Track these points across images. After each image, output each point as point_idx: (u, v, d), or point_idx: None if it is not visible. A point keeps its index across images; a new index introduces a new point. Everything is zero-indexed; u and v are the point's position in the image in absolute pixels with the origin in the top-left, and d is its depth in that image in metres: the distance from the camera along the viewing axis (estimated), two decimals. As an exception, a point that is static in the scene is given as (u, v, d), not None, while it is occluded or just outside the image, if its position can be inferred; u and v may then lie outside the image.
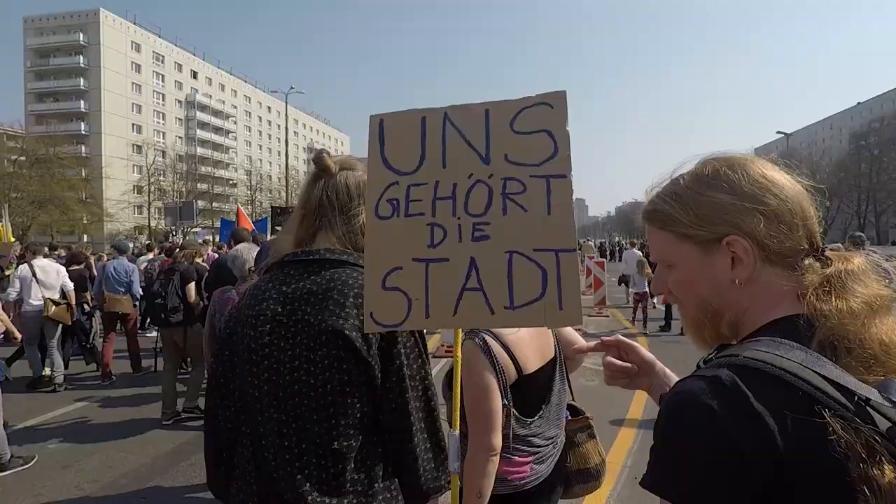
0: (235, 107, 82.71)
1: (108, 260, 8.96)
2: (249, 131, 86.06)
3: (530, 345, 1.71)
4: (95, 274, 8.66)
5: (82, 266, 8.11)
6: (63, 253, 11.11)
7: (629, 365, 1.10)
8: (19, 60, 66.27)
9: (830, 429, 0.60)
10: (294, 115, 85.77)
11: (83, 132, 61.61)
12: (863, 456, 0.59)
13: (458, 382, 1.31)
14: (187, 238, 26.67)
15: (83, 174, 52.79)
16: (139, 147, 60.68)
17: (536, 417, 1.71)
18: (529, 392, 1.70)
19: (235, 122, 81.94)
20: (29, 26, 65.20)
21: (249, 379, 1.21)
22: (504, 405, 1.60)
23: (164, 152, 61.92)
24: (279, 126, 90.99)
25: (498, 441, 1.54)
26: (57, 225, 44.75)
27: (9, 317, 6.00)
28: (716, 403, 0.63)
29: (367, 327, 1.11)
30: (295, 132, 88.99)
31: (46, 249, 8.53)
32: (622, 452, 4.56)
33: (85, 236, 47.10)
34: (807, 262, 0.76)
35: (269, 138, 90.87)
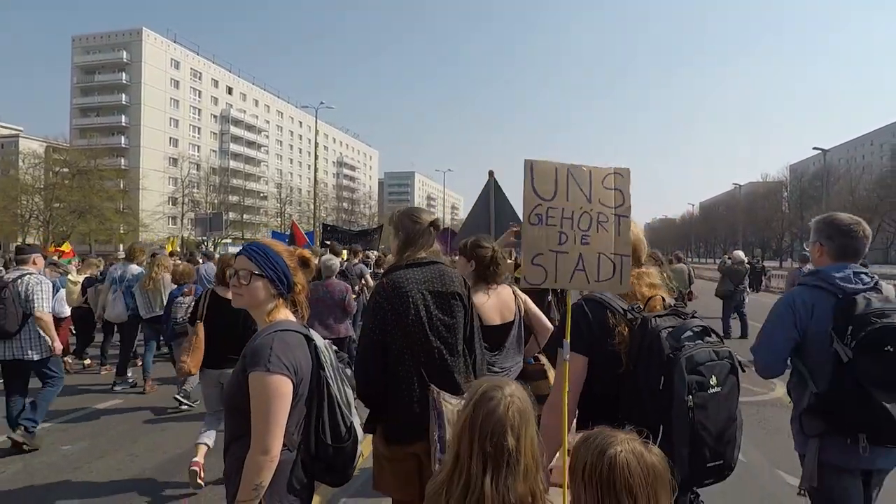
0: (268, 121, 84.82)
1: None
2: (280, 145, 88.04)
3: (492, 309, 2.96)
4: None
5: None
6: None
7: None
8: (66, 77, 69.55)
9: (610, 313, 1.93)
10: (324, 130, 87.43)
11: (123, 145, 64.07)
12: (615, 321, 1.90)
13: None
14: (218, 249, 27.26)
15: (121, 186, 54.69)
16: (175, 160, 62.73)
17: (495, 353, 2.89)
18: (490, 336, 2.81)
19: (267, 137, 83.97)
20: (77, 45, 68.48)
21: (417, 319, 2.32)
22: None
23: (198, 165, 63.80)
24: (309, 140, 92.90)
25: None
26: (95, 234, 46.32)
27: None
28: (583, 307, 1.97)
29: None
30: (325, 147, 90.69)
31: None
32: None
33: (121, 245, 48.70)
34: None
35: (300, 152, 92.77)
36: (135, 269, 7.67)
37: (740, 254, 12.48)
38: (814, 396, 2.22)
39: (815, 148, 42.27)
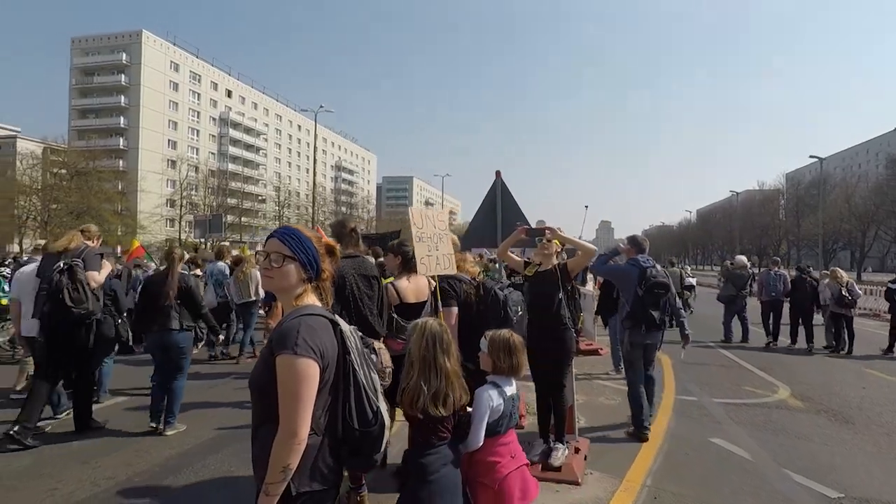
0: (266, 125, 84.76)
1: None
2: (279, 148, 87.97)
3: (410, 292, 3.95)
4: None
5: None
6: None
7: None
8: (65, 78, 69.41)
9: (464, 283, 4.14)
10: (323, 134, 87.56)
11: (122, 147, 63.86)
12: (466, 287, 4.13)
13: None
14: (202, 250, 27.10)
15: (120, 187, 54.52)
16: (173, 162, 62.54)
17: (410, 325, 2.95)
18: (408, 312, 3.84)
19: (266, 140, 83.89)
20: (76, 46, 68.32)
21: (350, 292, 3.58)
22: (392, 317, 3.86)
23: (196, 168, 63.62)
24: (308, 144, 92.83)
25: None
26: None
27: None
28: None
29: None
30: (323, 150, 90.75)
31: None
32: (641, 472, 4.41)
33: (119, 247, 48.47)
34: None
35: (298, 156, 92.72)
36: (222, 265, 9.21)
37: (742, 259, 12.52)
38: (627, 310, 5.32)
39: (811, 156, 42.49)
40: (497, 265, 16.70)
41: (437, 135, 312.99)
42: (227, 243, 38.05)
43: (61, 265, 4.92)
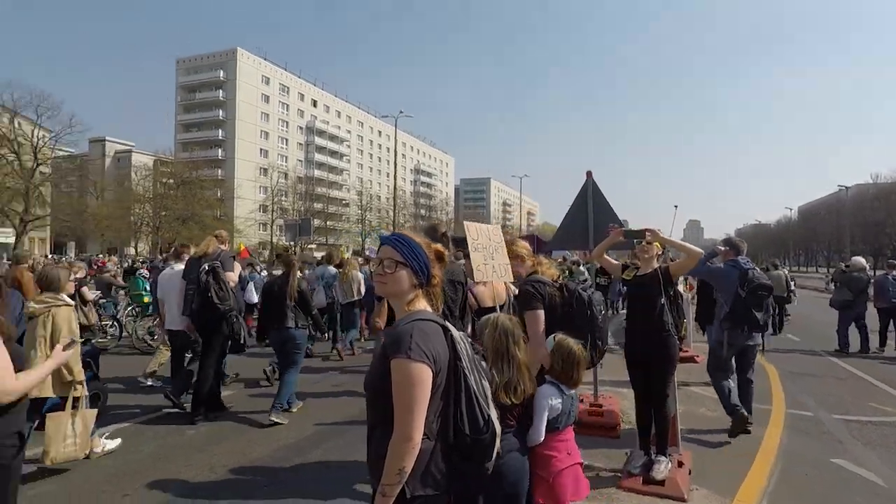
0: (349, 131, 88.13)
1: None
2: (361, 154, 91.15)
3: (487, 296, 4.00)
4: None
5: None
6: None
7: None
8: (172, 97, 76.02)
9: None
10: (402, 139, 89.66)
11: (220, 157, 68.94)
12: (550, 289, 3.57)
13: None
14: (304, 253, 28.54)
15: (218, 195, 58.86)
16: (265, 170, 66.65)
17: (482, 320, 3.02)
18: (485, 314, 3.41)
19: (349, 146, 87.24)
20: (181, 66, 74.68)
21: None
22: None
23: (286, 174, 67.40)
24: (388, 149, 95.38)
25: None
26: (196, 239, 50.12)
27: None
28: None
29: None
30: (403, 154, 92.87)
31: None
32: (755, 491, 4.09)
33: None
34: None
35: (379, 160, 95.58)
36: (332, 269, 9.81)
37: (860, 260, 11.31)
38: (726, 311, 5.26)
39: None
40: (580, 267, 16.39)
41: (515, 137, 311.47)
42: (312, 246, 39.97)
43: (206, 267, 5.57)
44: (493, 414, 1.92)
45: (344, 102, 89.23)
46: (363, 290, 9.68)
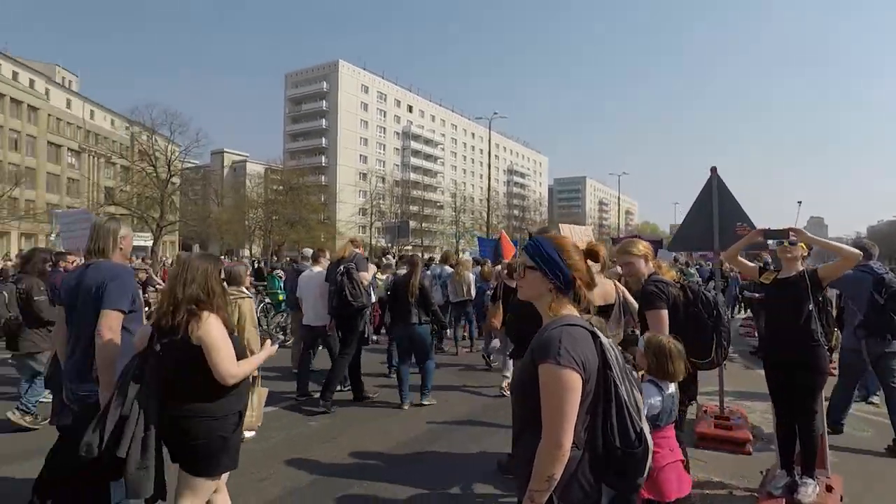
0: (443, 135, 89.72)
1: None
2: (454, 156, 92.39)
3: (597, 296, 3.68)
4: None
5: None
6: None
7: None
8: (280, 109, 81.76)
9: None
10: (495, 140, 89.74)
11: (323, 164, 73.09)
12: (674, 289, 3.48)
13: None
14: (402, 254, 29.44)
15: (322, 199, 62.34)
16: (364, 175, 69.66)
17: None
18: (600, 312, 3.70)
19: (443, 149, 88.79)
20: (288, 80, 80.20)
21: None
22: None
23: (383, 178, 69.94)
24: (481, 150, 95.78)
25: None
26: (302, 242, 53.49)
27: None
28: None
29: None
30: (496, 156, 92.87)
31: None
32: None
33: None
34: None
35: (472, 162, 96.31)
36: (448, 269, 10.37)
37: None
38: (860, 318, 5.06)
39: None
40: (692, 269, 15.46)
41: (610, 134, 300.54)
42: (409, 247, 41.08)
43: (342, 269, 6.04)
44: (646, 428, 1.84)
45: (437, 106, 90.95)
46: (474, 291, 9.98)
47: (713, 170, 5.44)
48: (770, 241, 3.96)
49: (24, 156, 48.84)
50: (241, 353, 2.74)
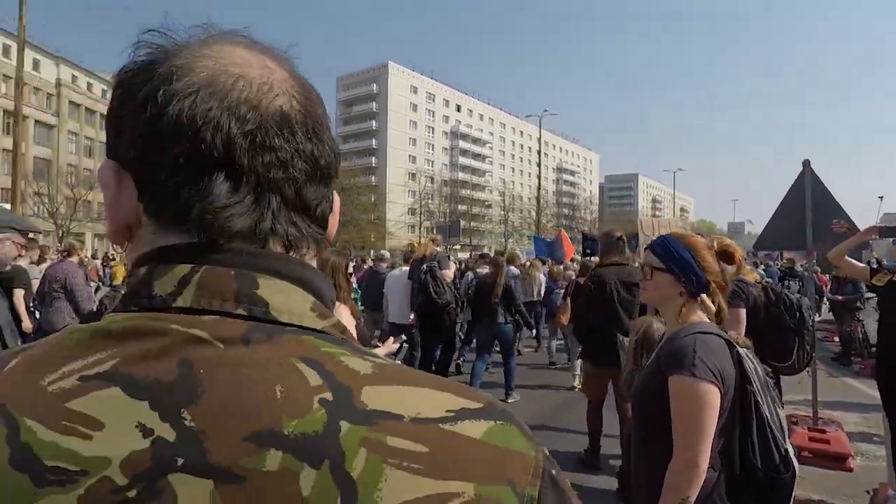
0: (491, 133, 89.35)
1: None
2: (503, 155, 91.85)
3: None
4: None
5: None
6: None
7: None
8: (332, 111, 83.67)
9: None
10: (544, 137, 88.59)
11: (373, 165, 74.26)
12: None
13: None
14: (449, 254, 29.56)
15: (372, 200, 63.35)
16: (413, 175, 70.27)
17: None
18: None
19: (491, 148, 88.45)
20: (340, 83, 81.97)
21: (609, 296, 4.28)
22: None
23: (432, 178, 70.33)
24: (530, 149, 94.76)
25: None
26: (353, 241, 54.50)
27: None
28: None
29: None
30: (545, 153, 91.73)
31: None
32: None
33: (372, 251, 56.30)
34: None
35: (521, 161, 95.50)
36: (514, 270, 10.05)
37: None
38: None
39: None
40: (760, 269, 14.67)
41: (664, 131, 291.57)
42: (457, 247, 41.10)
43: (425, 267, 6.24)
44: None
45: (486, 105, 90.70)
46: (543, 291, 10.02)
47: (806, 163, 5.06)
48: (889, 240, 3.62)
49: (98, 161, 51.92)
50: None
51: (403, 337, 10.09)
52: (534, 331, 10.05)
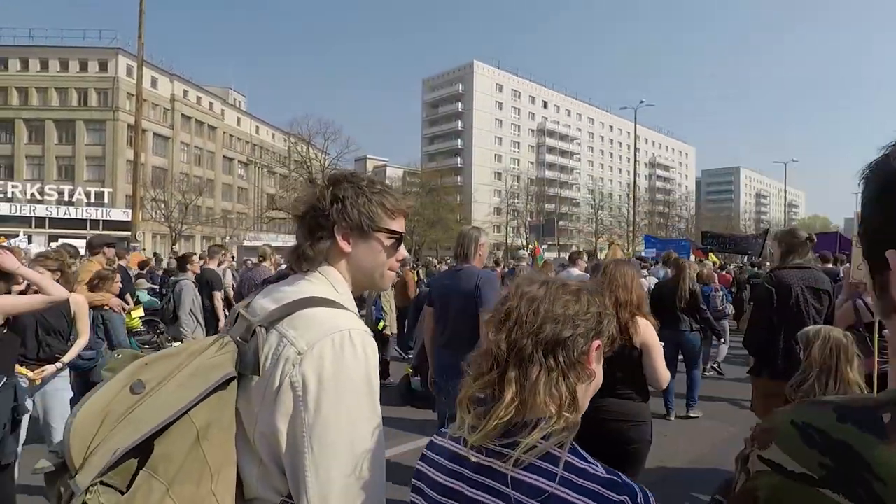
0: (579, 129, 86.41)
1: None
2: (592, 151, 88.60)
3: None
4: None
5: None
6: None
7: None
8: (418, 113, 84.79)
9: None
10: (637, 131, 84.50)
11: (459, 165, 74.29)
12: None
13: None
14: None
15: (458, 200, 63.35)
16: (499, 174, 69.45)
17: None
18: None
19: (580, 144, 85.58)
20: (425, 85, 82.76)
21: (795, 303, 3.77)
22: None
23: (518, 177, 69.14)
24: (620, 143, 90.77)
25: None
26: (440, 241, 54.67)
27: None
28: None
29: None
30: (637, 148, 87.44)
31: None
32: None
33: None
34: None
35: (611, 156, 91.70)
36: (574, 271, 10.47)
37: None
38: None
39: None
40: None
41: (766, 121, 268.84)
42: (545, 247, 40.02)
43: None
44: None
45: (573, 100, 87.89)
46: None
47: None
48: None
49: (206, 169, 56.01)
50: None
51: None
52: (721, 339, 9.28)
